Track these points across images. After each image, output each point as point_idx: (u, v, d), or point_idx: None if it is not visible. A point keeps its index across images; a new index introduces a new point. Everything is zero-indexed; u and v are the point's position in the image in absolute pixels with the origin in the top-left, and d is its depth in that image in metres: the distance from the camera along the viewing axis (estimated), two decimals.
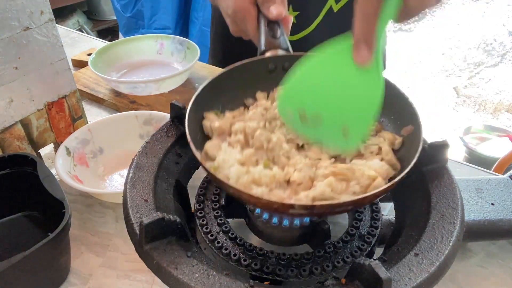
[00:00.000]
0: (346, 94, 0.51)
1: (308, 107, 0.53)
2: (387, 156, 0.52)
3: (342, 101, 0.51)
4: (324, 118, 0.52)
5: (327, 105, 0.52)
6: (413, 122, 0.52)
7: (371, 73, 0.49)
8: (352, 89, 0.50)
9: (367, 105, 0.50)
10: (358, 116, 0.51)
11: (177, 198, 0.54)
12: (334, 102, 0.51)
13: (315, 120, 0.52)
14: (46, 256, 0.52)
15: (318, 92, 0.52)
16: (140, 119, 0.81)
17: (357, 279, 0.40)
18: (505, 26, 3.75)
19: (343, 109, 0.51)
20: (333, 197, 0.45)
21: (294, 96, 0.53)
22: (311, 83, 0.52)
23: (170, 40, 1.13)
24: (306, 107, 0.53)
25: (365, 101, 0.50)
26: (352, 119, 0.51)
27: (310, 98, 0.52)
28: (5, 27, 0.62)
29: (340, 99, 0.51)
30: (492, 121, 3.15)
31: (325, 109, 0.52)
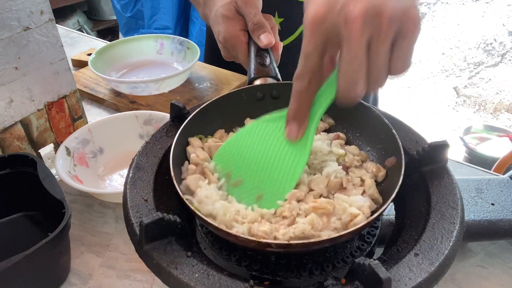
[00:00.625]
0: (271, 163, 0.52)
1: (233, 170, 0.55)
2: (370, 190, 0.52)
3: (265, 169, 0.53)
4: (244, 183, 0.54)
5: (249, 172, 0.53)
6: (396, 154, 0.53)
7: (299, 148, 0.51)
8: (278, 158, 0.52)
9: (286, 177, 0.51)
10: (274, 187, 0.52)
11: (177, 198, 0.54)
12: (257, 169, 0.53)
13: (235, 183, 0.54)
14: (46, 256, 0.52)
15: (244, 157, 0.54)
16: (140, 119, 0.81)
17: (357, 279, 0.40)
18: (505, 26, 3.74)
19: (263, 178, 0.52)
20: (313, 235, 0.46)
21: (225, 157, 0.56)
22: (241, 149, 0.55)
23: (170, 40, 1.14)
24: (232, 170, 0.55)
25: (285, 174, 0.51)
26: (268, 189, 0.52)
27: (237, 163, 0.55)
28: (5, 27, 0.62)
29: (264, 166, 0.53)
30: (492, 121, 3.15)
31: (246, 175, 0.54)
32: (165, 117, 0.79)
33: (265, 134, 0.54)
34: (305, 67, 0.44)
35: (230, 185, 0.54)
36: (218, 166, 0.56)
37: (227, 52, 0.79)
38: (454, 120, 3.20)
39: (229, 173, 0.55)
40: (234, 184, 0.54)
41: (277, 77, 0.67)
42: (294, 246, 0.42)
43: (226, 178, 0.55)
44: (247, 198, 0.53)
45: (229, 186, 0.54)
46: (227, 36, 0.75)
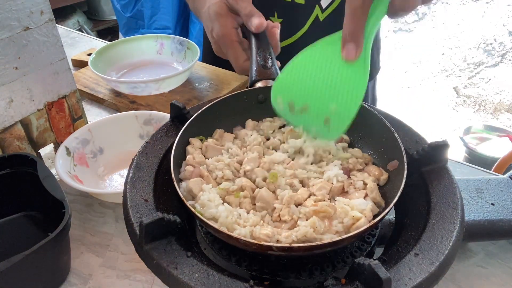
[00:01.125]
0: (332, 87, 0.53)
1: (296, 98, 0.56)
2: (372, 193, 0.52)
3: (327, 93, 0.54)
4: (310, 108, 0.56)
5: (313, 97, 0.55)
6: (398, 157, 0.53)
7: (357, 69, 0.51)
8: (338, 82, 0.53)
9: (350, 99, 0.53)
10: (341, 109, 0.53)
11: (177, 198, 0.54)
12: (320, 94, 0.54)
13: (301, 109, 0.56)
14: (46, 256, 0.52)
15: (306, 84, 0.55)
16: (140, 119, 0.81)
17: (357, 279, 0.40)
18: (505, 26, 3.74)
19: (327, 101, 0.54)
20: (315, 238, 0.46)
21: (284, 88, 0.57)
22: (301, 76, 0.55)
23: (170, 40, 1.13)
24: (295, 98, 0.56)
25: (349, 95, 0.53)
26: (335, 111, 0.54)
27: (298, 90, 0.56)
28: (5, 27, 0.62)
29: (326, 91, 0.54)
30: (492, 121, 3.15)
31: (311, 100, 0.55)
32: (165, 117, 0.79)
33: (322, 59, 0.54)
34: None
35: (297, 113, 0.56)
36: (278, 97, 0.57)
37: (218, 47, 0.81)
38: (454, 120, 3.20)
39: (292, 103, 0.56)
40: (301, 110, 0.56)
41: None
42: (296, 249, 0.42)
43: (289, 108, 0.57)
44: (315, 122, 0.55)
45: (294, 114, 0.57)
46: (220, 34, 0.78)
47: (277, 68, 0.69)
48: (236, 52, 0.78)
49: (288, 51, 1.04)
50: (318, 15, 0.99)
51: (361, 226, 0.46)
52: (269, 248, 0.42)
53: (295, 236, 0.46)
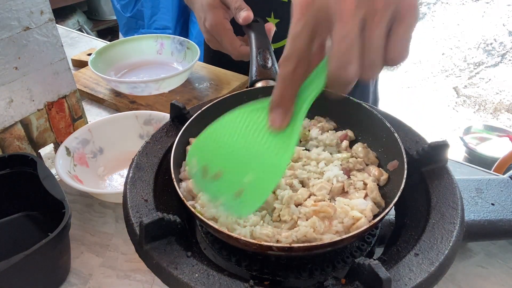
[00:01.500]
0: (252, 156, 0.48)
1: (211, 163, 0.50)
2: (372, 193, 0.52)
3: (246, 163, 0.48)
4: (224, 175, 0.49)
5: (229, 164, 0.49)
6: (398, 158, 0.53)
7: (283, 139, 0.46)
8: (260, 152, 0.47)
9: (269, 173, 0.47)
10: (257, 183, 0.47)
11: (177, 198, 0.54)
12: (238, 162, 0.48)
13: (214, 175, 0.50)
14: (46, 256, 0.52)
15: (225, 149, 0.49)
16: (140, 119, 0.81)
17: (357, 279, 0.40)
18: (505, 26, 3.74)
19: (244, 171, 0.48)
20: (315, 238, 0.46)
21: (202, 149, 0.51)
22: (221, 139, 0.50)
23: (170, 40, 1.13)
24: (209, 163, 0.50)
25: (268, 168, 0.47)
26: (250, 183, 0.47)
27: (215, 154, 0.50)
28: (5, 27, 0.62)
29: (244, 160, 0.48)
30: (492, 121, 3.15)
31: (226, 167, 0.49)
32: (165, 117, 0.79)
33: (247, 125, 0.49)
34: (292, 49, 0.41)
35: (208, 179, 0.49)
36: (193, 159, 0.51)
37: (212, 38, 0.83)
38: (454, 120, 3.20)
39: (205, 167, 0.50)
40: (214, 176, 0.49)
41: None
42: (296, 249, 0.42)
43: (202, 172, 0.50)
44: (226, 192, 0.48)
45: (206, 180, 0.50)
46: (213, 23, 0.80)
47: (277, 68, 0.69)
48: (231, 38, 0.79)
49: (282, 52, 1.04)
50: None
51: (361, 226, 0.46)
52: (269, 248, 0.42)
53: (295, 236, 0.46)
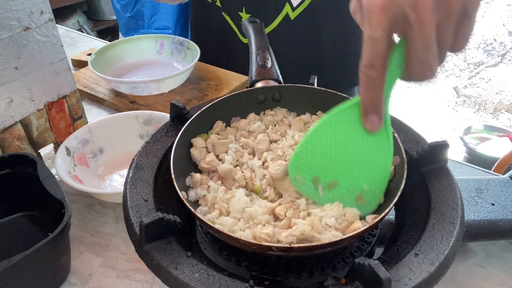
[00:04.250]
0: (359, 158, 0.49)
1: (322, 174, 0.50)
2: None
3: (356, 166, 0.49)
4: (340, 184, 0.50)
5: (341, 171, 0.49)
6: (398, 154, 0.53)
7: (381, 137, 0.47)
8: (364, 153, 0.48)
9: (379, 169, 0.49)
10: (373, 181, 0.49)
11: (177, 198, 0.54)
12: (349, 167, 0.49)
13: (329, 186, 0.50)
14: (46, 256, 0.52)
15: (330, 156, 0.49)
16: (140, 119, 0.81)
17: (357, 279, 0.40)
18: (505, 26, 3.74)
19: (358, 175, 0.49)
20: (313, 236, 0.46)
21: (305, 163, 0.50)
22: (321, 147, 0.49)
23: (170, 40, 1.13)
24: (320, 174, 0.50)
25: (377, 166, 0.48)
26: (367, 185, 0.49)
27: (322, 165, 0.50)
28: (5, 27, 0.62)
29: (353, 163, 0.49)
30: (492, 121, 3.15)
31: (339, 175, 0.50)
32: (165, 117, 0.79)
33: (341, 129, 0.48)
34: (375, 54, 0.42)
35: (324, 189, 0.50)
36: (298, 175, 0.51)
37: None
38: (454, 120, 3.20)
39: (317, 178, 0.50)
40: (329, 186, 0.50)
41: (278, 80, 0.67)
42: (296, 249, 0.42)
43: (315, 185, 0.50)
44: (347, 201, 0.49)
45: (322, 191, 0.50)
46: None
47: (277, 68, 0.69)
48: None
49: None
50: (288, 13, 1.00)
51: (358, 228, 0.46)
52: (269, 248, 0.42)
53: (293, 234, 0.46)
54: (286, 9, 0.99)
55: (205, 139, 0.60)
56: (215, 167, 0.56)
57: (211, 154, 0.58)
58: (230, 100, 0.63)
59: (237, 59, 1.13)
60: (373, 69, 0.42)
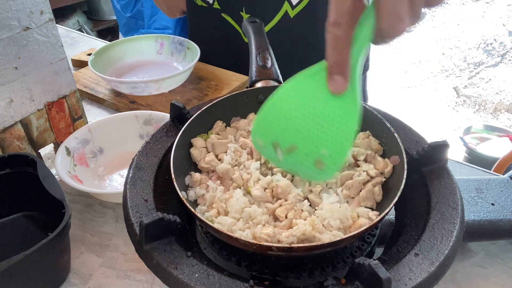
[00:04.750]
0: (321, 123, 0.47)
1: (281, 138, 0.50)
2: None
3: (316, 131, 0.48)
4: (299, 148, 0.49)
5: (301, 136, 0.49)
6: (399, 154, 0.53)
7: (347, 100, 0.46)
8: (327, 117, 0.47)
9: (343, 134, 0.47)
10: (334, 146, 0.47)
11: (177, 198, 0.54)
12: (309, 132, 0.48)
13: (288, 150, 0.50)
14: (46, 256, 0.52)
15: (291, 122, 0.49)
16: (140, 119, 0.81)
17: (357, 279, 0.40)
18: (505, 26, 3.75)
19: (318, 139, 0.48)
20: (314, 236, 0.46)
21: (267, 128, 0.50)
22: (283, 112, 0.49)
23: (170, 40, 1.13)
24: (279, 139, 0.50)
25: (341, 130, 0.47)
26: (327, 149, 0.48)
27: (283, 129, 0.49)
28: (5, 27, 0.62)
29: (314, 128, 0.48)
30: (492, 121, 3.15)
31: (299, 139, 0.49)
32: (165, 117, 0.79)
33: (305, 93, 0.48)
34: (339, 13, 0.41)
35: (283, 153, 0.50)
36: (259, 139, 0.51)
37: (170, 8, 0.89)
38: (454, 120, 3.20)
39: (276, 142, 0.50)
40: (288, 150, 0.49)
41: (278, 80, 0.67)
42: (296, 249, 0.42)
43: (274, 149, 0.50)
44: (305, 164, 0.49)
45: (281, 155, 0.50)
46: None
47: (277, 68, 0.69)
48: None
49: None
50: (287, 11, 1.00)
51: (361, 226, 0.46)
52: (269, 248, 0.42)
53: (294, 234, 0.46)
54: (285, 7, 0.99)
55: (205, 139, 0.60)
56: (214, 166, 0.56)
57: (210, 154, 0.58)
58: (230, 100, 0.63)
59: (242, 59, 1.13)
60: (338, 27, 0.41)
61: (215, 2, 1.05)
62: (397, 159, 0.53)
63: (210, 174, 0.57)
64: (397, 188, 0.47)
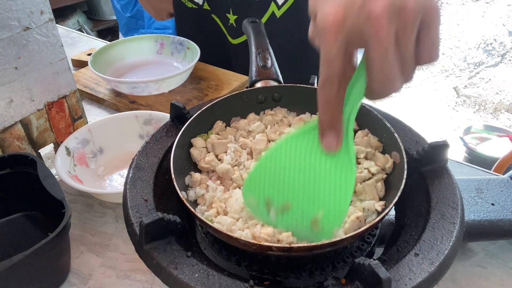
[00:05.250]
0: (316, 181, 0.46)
1: (275, 196, 0.48)
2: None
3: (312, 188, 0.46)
4: (293, 207, 0.47)
5: (295, 193, 0.47)
6: (399, 153, 0.53)
7: (342, 158, 0.45)
8: (322, 175, 0.46)
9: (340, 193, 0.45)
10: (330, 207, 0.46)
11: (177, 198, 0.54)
12: (304, 190, 0.46)
13: (282, 209, 0.47)
14: (46, 256, 0.52)
15: (285, 178, 0.47)
16: (140, 119, 0.81)
17: (357, 279, 0.40)
18: (505, 26, 3.74)
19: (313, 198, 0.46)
20: None
21: (259, 184, 0.48)
22: (277, 169, 0.47)
23: (170, 40, 1.13)
24: (273, 196, 0.48)
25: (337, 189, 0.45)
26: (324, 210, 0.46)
27: (276, 186, 0.47)
28: (5, 27, 0.62)
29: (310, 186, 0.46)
30: (492, 121, 3.15)
31: (293, 197, 0.47)
32: (165, 117, 0.79)
33: (298, 150, 0.47)
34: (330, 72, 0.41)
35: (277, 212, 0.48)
36: (249, 195, 0.49)
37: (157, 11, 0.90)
38: (454, 120, 3.20)
39: (269, 201, 0.48)
40: (282, 209, 0.47)
41: (278, 80, 0.67)
42: (296, 249, 0.42)
43: (267, 207, 0.48)
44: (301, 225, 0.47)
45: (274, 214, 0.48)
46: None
47: (277, 68, 0.69)
48: None
49: (241, 48, 1.05)
50: (274, 11, 1.00)
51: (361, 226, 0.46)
52: (269, 249, 0.42)
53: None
54: (272, 7, 0.99)
55: (205, 139, 0.60)
56: (214, 166, 0.56)
57: (210, 154, 0.58)
58: (230, 100, 0.63)
59: (229, 60, 1.13)
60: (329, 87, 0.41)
61: (205, 3, 1.05)
62: (397, 157, 0.53)
63: (210, 174, 0.57)
64: (397, 188, 0.48)
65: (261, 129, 0.61)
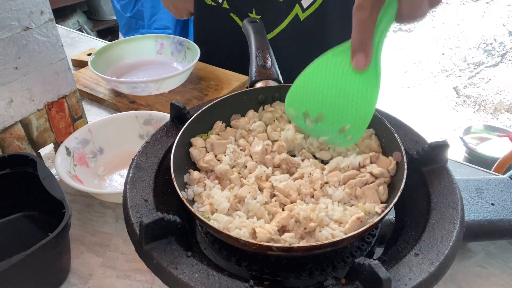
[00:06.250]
0: (346, 96, 0.54)
1: (311, 108, 0.58)
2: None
3: (341, 102, 0.55)
4: (326, 117, 0.57)
5: (328, 106, 0.56)
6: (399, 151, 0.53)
7: (369, 77, 0.52)
8: (351, 91, 0.54)
9: (364, 107, 0.54)
10: (356, 117, 0.55)
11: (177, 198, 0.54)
12: (335, 103, 0.56)
13: (316, 119, 0.58)
14: (46, 256, 0.52)
15: (319, 94, 0.56)
16: (140, 119, 0.81)
17: (357, 279, 0.40)
18: (505, 26, 3.74)
19: (342, 110, 0.55)
20: (317, 217, 0.47)
21: (298, 98, 0.58)
22: (313, 86, 0.56)
23: (170, 40, 1.13)
24: (309, 108, 0.58)
25: (363, 103, 0.54)
26: (351, 119, 0.55)
27: (312, 100, 0.57)
28: (5, 27, 0.62)
29: (340, 100, 0.55)
30: (492, 121, 3.15)
31: (326, 109, 0.57)
32: (165, 117, 0.79)
33: (332, 69, 0.54)
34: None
35: (312, 122, 0.58)
36: (290, 108, 0.59)
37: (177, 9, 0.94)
38: (454, 120, 3.20)
39: (306, 112, 0.58)
40: (316, 119, 0.58)
41: (278, 80, 0.67)
42: (296, 249, 0.42)
43: (304, 117, 0.59)
44: (331, 131, 0.57)
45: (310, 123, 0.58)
46: None
47: (277, 68, 0.69)
48: None
49: None
50: (298, 14, 1.00)
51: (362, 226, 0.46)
52: (269, 249, 0.42)
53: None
54: (296, 10, 0.99)
55: (204, 139, 0.60)
56: (213, 166, 0.56)
57: (210, 154, 0.58)
58: (230, 100, 0.63)
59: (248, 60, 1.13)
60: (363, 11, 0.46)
61: (224, 1, 1.05)
62: (399, 155, 0.53)
63: (209, 173, 0.57)
64: (397, 188, 0.48)
65: (262, 128, 0.61)
